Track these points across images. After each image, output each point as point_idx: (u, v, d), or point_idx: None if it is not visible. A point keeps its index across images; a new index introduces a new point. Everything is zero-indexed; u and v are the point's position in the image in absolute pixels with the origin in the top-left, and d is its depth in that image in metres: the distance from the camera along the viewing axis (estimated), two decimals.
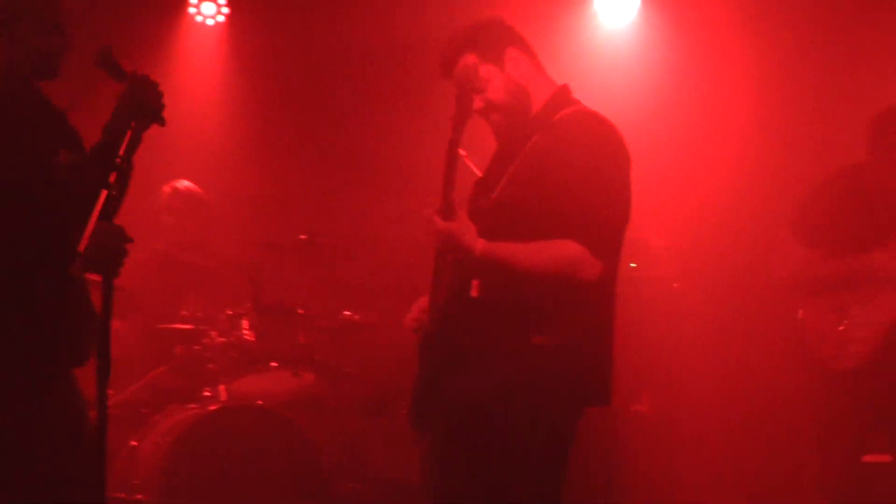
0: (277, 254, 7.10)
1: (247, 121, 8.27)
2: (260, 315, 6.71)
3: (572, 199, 4.12)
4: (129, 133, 3.70)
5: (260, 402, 6.43)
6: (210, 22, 8.56)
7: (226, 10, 8.56)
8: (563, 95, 4.42)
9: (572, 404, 4.21)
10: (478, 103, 4.36)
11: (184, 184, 7.45)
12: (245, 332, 6.64)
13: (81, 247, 3.53)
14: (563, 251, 4.10)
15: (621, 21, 8.14)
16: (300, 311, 6.86)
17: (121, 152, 3.66)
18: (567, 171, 4.14)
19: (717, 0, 7.83)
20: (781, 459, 6.89)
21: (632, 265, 6.89)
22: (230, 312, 6.71)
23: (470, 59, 4.37)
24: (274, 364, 6.70)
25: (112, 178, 3.57)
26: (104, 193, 3.56)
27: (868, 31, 7.62)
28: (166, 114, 3.84)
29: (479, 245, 4.11)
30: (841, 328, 5.47)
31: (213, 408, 6.36)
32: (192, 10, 8.54)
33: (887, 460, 5.60)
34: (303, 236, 7.08)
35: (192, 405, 6.49)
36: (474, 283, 4.19)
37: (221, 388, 6.58)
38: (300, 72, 8.46)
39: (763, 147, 7.67)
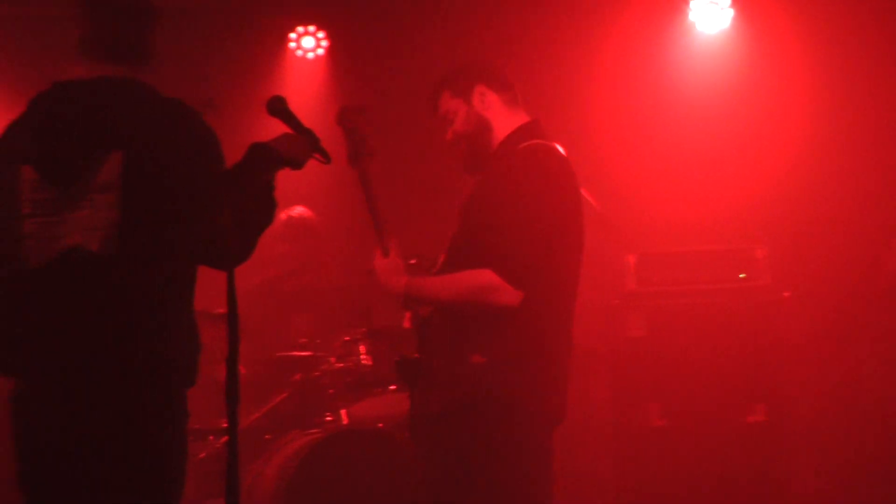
0: None
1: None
2: (375, 339, 6.82)
3: (493, 231, 4.47)
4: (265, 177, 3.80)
5: (380, 424, 6.53)
6: (310, 56, 8.78)
7: (325, 43, 8.75)
8: (525, 130, 4.73)
9: (520, 418, 4.50)
10: (448, 135, 4.80)
11: (298, 210, 7.64)
12: (362, 356, 6.73)
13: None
14: (475, 281, 4.48)
15: (715, 28, 8.37)
16: None
17: (253, 191, 3.76)
18: (495, 203, 4.52)
19: (803, 10, 7.96)
20: None
21: (741, 276, 6.95)
22: (347, 338, 6.81)
23: (445, 96, 4.80)
24: (392, 387, 6.77)
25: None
26: None
27: None
28: None
29: (403, 283, 4.62)
30: None
31: (335, 432, 6.48)
32: (292, 44, 8.75)
33: None
34: (412, 261, 7.17)
35: (315, 430, 6.60)
36: (406, 315, 4.73)
37: (342, 412, 6.68)
38: (398, 103, 8.58)
39: (867, 151, 7.74)
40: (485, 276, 4.44)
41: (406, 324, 4.72)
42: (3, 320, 3.80)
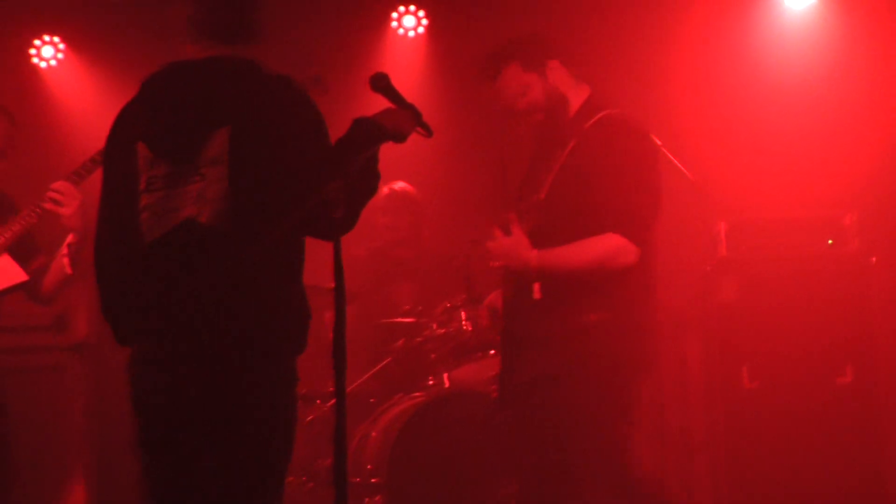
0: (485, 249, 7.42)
1: (448, 126, 8.60)
2: (475, 306, 7.03)
3: (610, 196, 4.74)
4: (369, 150, 3.81)
5: (480, 388, 6.69)
6: (411, 34, 8.98)
7: (425, 21, 8.96)
8: (593, 101, 5.00)
9: (627, 369, 4.83)
10: (521, 105, 5.01)
11: (400, 184, 7.88)
12: (463, 322, 6.91)
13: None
14: (606, 245, 4.75)
15: (803, 3, 8.43)
16: None
17: (358, 164, 3.77)
18: (602, 172, 4.77)
19: None
20: None
21: (829, 242, 7.05)
22: (448, 305, 7.00)
23: (513, 68, 5.01)
24: (492, 352, 6.87)
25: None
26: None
27: None
28: None
29: (534, 256, 4.78)
30: None
31: (438, 395, 6.69)
32: (394, 23, 8.97)
33: None
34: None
35: (418, 393, 6.82)
36: (535, 286, 4.83)
37: (445, 376, 6.89)
38: None
39: None
40: (614, 240, 4.74)
41: (536, 295, 4.88)
42: (122, 292, 3.92)
